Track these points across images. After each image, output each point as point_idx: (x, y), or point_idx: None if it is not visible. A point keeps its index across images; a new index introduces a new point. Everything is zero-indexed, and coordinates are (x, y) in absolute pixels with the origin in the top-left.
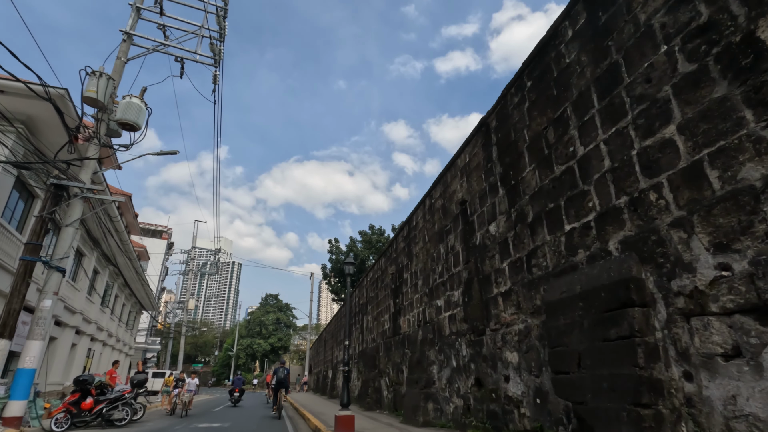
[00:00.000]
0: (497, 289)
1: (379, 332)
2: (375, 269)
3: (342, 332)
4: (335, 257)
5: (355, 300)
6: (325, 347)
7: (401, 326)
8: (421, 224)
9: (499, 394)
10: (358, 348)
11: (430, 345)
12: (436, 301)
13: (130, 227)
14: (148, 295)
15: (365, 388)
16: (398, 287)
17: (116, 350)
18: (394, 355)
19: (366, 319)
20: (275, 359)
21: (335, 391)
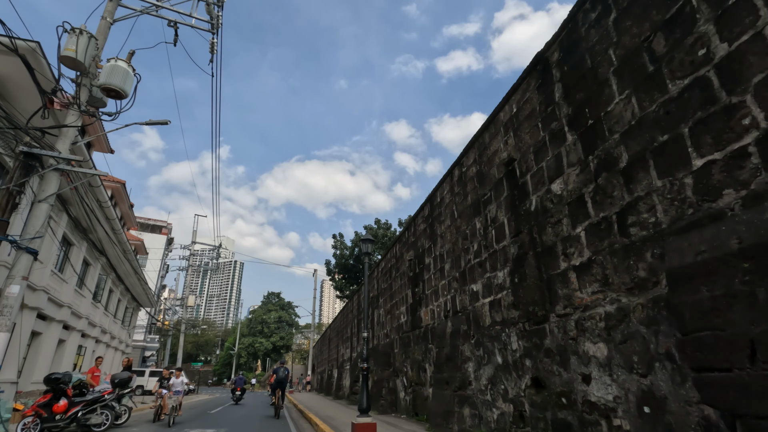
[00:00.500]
0: (567, 263)
1: (394, 326)
2: (387, 258)
3: (349, 329)
4: (339, 253)
5: (362, 294)
6: (329, 346)
7: (422, 318)
8: (448, 199)
9: (574, 398)
10: (367, 345)
11: (463, 338)
12: (470, 286)
13: (125, 218)
14: (146, 291)
15: (378, 389)
16: (418, 275)
17: (111, 348)
18: (414, 352)
19: (377, 313)
20: (277, 358)
21: (341, 392)
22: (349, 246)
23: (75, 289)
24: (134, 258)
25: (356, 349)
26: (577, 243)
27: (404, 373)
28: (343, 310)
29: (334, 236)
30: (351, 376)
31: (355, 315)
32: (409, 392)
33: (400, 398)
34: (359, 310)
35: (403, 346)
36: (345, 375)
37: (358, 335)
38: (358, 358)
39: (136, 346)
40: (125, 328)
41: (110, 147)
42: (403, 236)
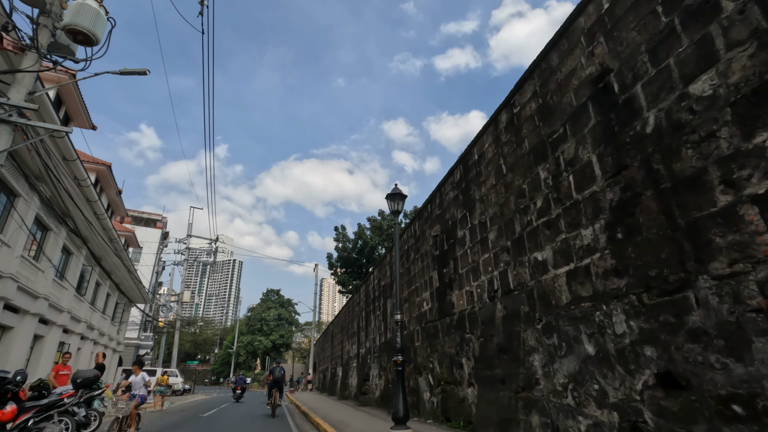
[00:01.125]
0: (734, 195)
1: (414, 316)
2: (403, 240)
3: (355, 323)
4: (342, 246)
5: (371, 284)
6: (332, 342)
7: (454, 304)
8: (492, 153)
9: (762, 406)
10: (379, 339)
11: (525, 323)
12: (532, 256)
13: (113, 206)
14: (138, 286)
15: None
16: (446, 252)
17: (100, 345)
18: (444, 344)
19: (390, 303)
20: (277, 357)
21: (347, 391)
22: (351, 239)
23: (54, 280)
24: (122, 248)
25: (365, 344)
26: (758, 159)
27: (429, 370)
28: (348, 304)
29: (335, 228)
30: (359, 374)
31: (363, 307)
32: (436, 392)
33: (424, 399)
34: (368, 302)
35: (427, 337)
36: (352, 373)
37: (367, 329)
38: (368, 354)
39: (129, 344)
40: (115, 324)
41: (91, 122)
42: (424, 211)
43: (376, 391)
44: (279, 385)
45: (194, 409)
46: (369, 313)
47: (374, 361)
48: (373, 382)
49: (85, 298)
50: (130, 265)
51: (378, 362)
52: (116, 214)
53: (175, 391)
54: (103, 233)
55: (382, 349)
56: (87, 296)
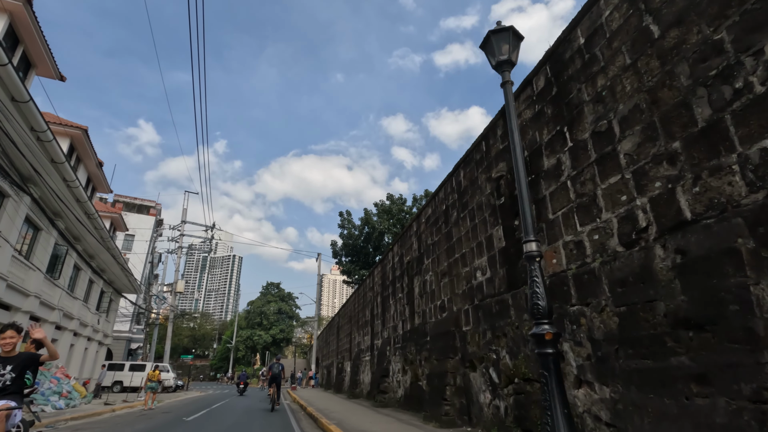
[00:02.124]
0: None
1: (458, 293)
2: (437, 200)
3: (368, 311)
4: (347, 232)
5: (389, 263)
6: (337, 335)
7: (540, 265)
8: (620, 20)
9: None
10: (403, 327)
11: (755, 268)
12: (752, 149)
13: (94, 181)
14: (126, 273)
15: (434, 387)
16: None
17: (82, 337)
18: (518, 325)
19: (417, 282)
20: (277, 352)
21: (358, 389)
22: (357, 225)
23: (13, 257)
24: (103, 227)
25: (382, 334)
26: None
27: (490, 362)
28: (358, 292)
29: (340, 214)
30: (377, 369)
31: (378, 292)
32: (505, 394)
33: (481, 403)
34: (385, 285)
35: (484, 319)
36: (364, 368)
37: (384, 317)
38: (386, 346)
39: (119, 338)
40: (100, 315)
41: (58, 70)
42: (474, 153)
43: (398, 390)
44: (277, 380)
45: (181, 409)
46: (387, 298)
47: (396, 354)
48: (395, 378)
49: (60, 283)
50: (114, 248)
51: (401, 354)
52: (98, 190)
53: (166, 387)
54: (77, 206)
55: (407, 337)
56: (62, 281)
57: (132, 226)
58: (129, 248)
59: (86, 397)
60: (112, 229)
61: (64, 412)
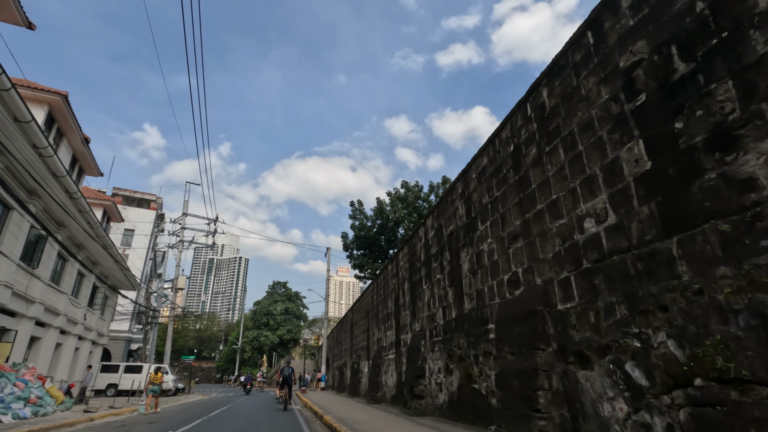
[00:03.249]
0: None
1: (548, 258)
2: (500, 142)
3: (390, 301)
4: (359, 223)
5: (420, 241)
6: (351, 333)
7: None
8: None
9: None
10: (444, 315)
11: None
12: None
13: (80, 159)
14: (121, 267)
15: (509, 392)
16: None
17: (72, 336)
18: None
19: (472, 254)
20: (284, 353)
21: (380, 392)
22: (370, 215)
23: None
24: (88, 209)
25: (413, 326)
26: None
27: (627, 354)
28: (377, 282)
29: (351, 204)
30: (405, 368)
31: (405, 277)
32: (666, 405)
33: (605, 417)
34: (415, 268)
35: (609, 287)
36: (387, 368)
37: (414, 306)
38: (421, 340)
39: (118, 338)
40: (93, 311)
41: (25, 16)
42: (572, 53)
43: (438, 394)
44: (288, 383)
45: (172, 418)
46: (418, 283)
47: (434, 349)
48: (433, 380)
49: (40, 274)
50: (104, 237)
51: (443, 350)
52: (87, 171)
53: (165, 391)
54: (54, 183)
55: (452, 328)
56: (42, 272)
57: (132, 220)
58: (128, 243)
59: (64, 403)
60: (105, 218)
61: (24, 423)
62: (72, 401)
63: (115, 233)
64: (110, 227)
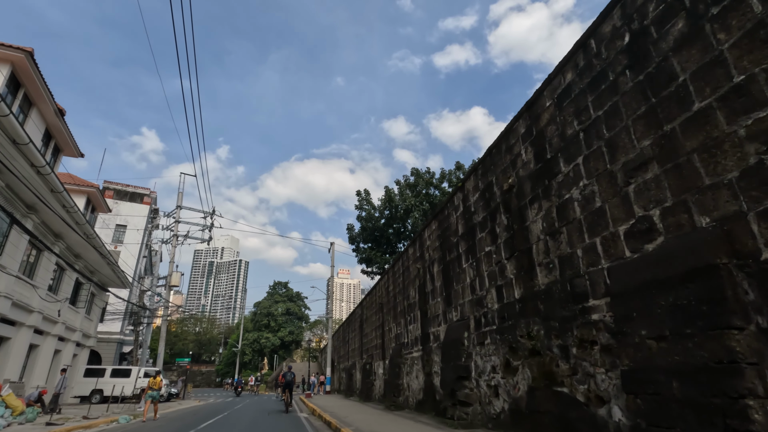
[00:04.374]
0: None
1: (728, 180)
2: (602, 37)
3: (412, 290)
4: (365, 214)
5: (459, 209)
6: (361, 331)
7: None
8: None
9: None
10: (500, 297)
11: None
12: None
13: (55, 135)
14: (108, 261)
15: (649, 398)
16: None
17: (50, 336)
18: None
19: (545, 209)
20: (285, 355)
21: (401, 397)
22: (377, 206)
23: None
24: (62, 188)
25: (446, 317)
26: None
27: None
28: (393, 270)
29: (357, 193)
30: (443, 366)
31: (435, 258)
32: None
33: None
34: (450, 244)
35: None
36: (410, 369)
37: (446, 292)
38: (461, 332)
39: (109, 340)
40: (76, 310)
41: None
42: None
43: (493, 400)
44: (290, 386)
45: (159, 429)
46: (452, 264)
47: (484, 343)
48: (484, 381)
49: (4, 264)
50: (85, 224)
51: (501, 342)
52: (64, 151)
53: None
54: (13, 152)
55: (516, 312)
56: (7, 260)
57: (124, 213)
58: (120, 239)
59: (24, 414)
60: (90, 208)
61: None
62: (37, 412)
63: (105, 228)
64: (95, 217)
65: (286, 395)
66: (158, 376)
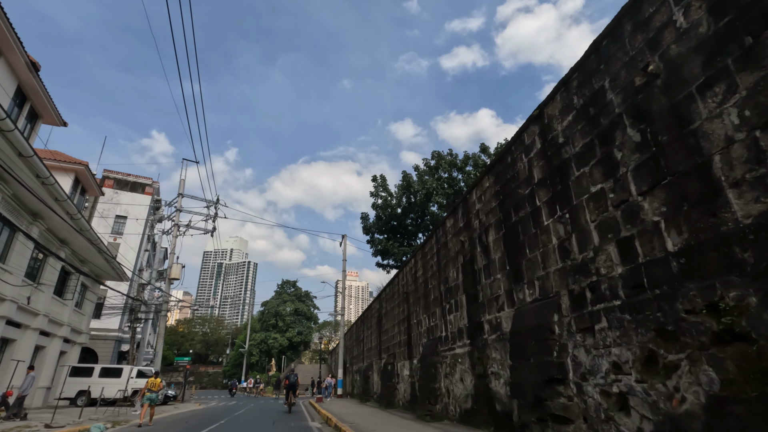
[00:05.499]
0: None
1: None
2: None
3: (453, 271)
4: (382, 201)
5: (545, 132)
6: (378, 327)
7: None
8: None
9: None
10: (621, 259)
11: None
12: None
13: (31, 97)
14: (100, 251)
15: None
16: None
17: (30, 330)
18: None
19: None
20: (294, 356)
21: (438, 404)
22: (394, 192)
23: None
24: (34, 155)
25: (512, 298)
26: None
27: None
28: (423, 250)
29: (373, 179)
30: (510, 367)
31: (490, 222)
32: None
33: None
34: (516, 198)
35: None
36: (452, 370)
37: (512, 262)
38: (550, 314)
39: (107, 337)
40: (63, 302)
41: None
42: None
43: (622, 418)
44: (294, 388)
45: None
46: (525, 222)
47: (595, 329)
48: (599, 385)
49: None
50: (65, 199)
51: (637, 325)
52: (44, 120)
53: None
54: None
55: (676, 273)
56: None
57: (125, 203)
58: (119, 230)
59: None
60: (79, 189)
61: None
62: None
63: (104, 217)
64: (86, 199)
65: (290, 397)
66: (158, 377)
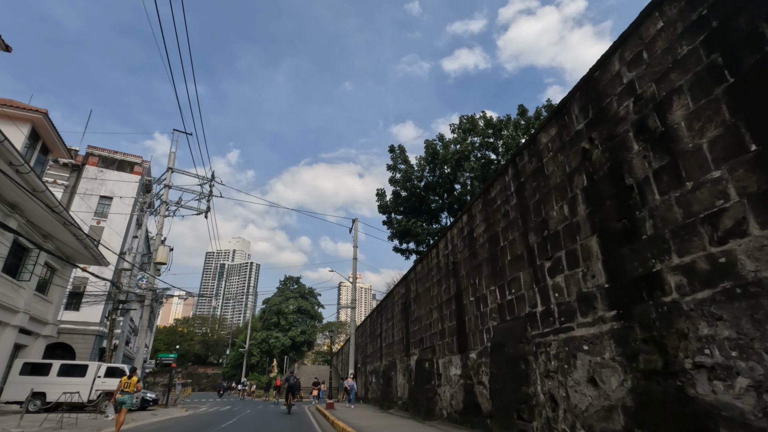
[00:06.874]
0: None
1: None
2: None
3: (566, 200)
4: (401, 175)
5: None
6: (404, 317)
7: None
8: None
9: None
10: None
11: None
12: None
13: None
14: (65, 223)
15: None
16: None
17: None
18: None
19: None
20: (296, 357)
21: (535, 421)
22: (414, 166)
23: None
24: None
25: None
26: None
27: None
28: (489, 193)
29: (390, 149)
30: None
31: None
32: None
33: None
34: None
35: None
36: (558, 366)
37: None
38: None
39: (85, 332)
40: (17, 283)
41: None
42: None
43: None
44: (293, 390)
45: None
46: None
47: None
48: None
49: None
50: (12, 151)
51: None
52: None
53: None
54: None
55: None
56: None
57: (111, 183)
58: (103, 212)
59: None
60: (39, 145)
61: None
62: None
63: (87, 194)
64: (47, 160)
65: (289, 398)
66: (134, 375)
